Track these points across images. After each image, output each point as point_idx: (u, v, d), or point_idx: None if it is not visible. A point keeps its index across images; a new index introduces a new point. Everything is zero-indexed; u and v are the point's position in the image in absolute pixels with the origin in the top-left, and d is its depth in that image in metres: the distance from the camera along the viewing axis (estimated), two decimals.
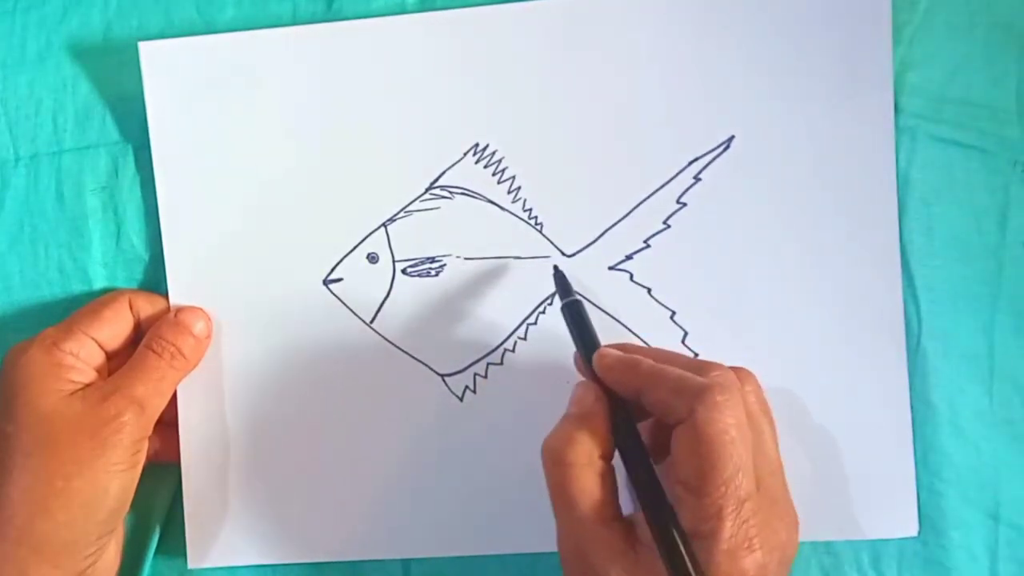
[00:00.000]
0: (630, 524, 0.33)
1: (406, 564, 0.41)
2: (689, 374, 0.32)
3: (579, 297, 0.37)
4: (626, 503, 0.34)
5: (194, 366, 0.40)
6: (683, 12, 0.39)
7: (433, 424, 0.40)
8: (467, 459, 0.40)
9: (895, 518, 0.39)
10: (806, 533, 0.39)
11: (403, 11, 0.40)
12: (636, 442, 0.33)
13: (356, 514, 0.41)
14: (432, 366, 0.41)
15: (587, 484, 0.33)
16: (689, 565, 0.30)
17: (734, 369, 0.33)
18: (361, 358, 0.41)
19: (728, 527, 0.30)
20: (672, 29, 0.39)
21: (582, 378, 0.36)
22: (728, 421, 0.30)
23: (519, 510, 0.40)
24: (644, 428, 0.34)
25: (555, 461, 0.33)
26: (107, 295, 0.40)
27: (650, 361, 0.34)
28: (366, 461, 0.41)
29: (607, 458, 0.33)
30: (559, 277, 0.38)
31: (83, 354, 0.38)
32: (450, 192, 0.40)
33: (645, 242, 0.40)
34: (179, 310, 0.40)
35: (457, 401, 0.40)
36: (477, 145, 0.40)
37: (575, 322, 0.36)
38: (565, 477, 0.33)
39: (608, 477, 0.33)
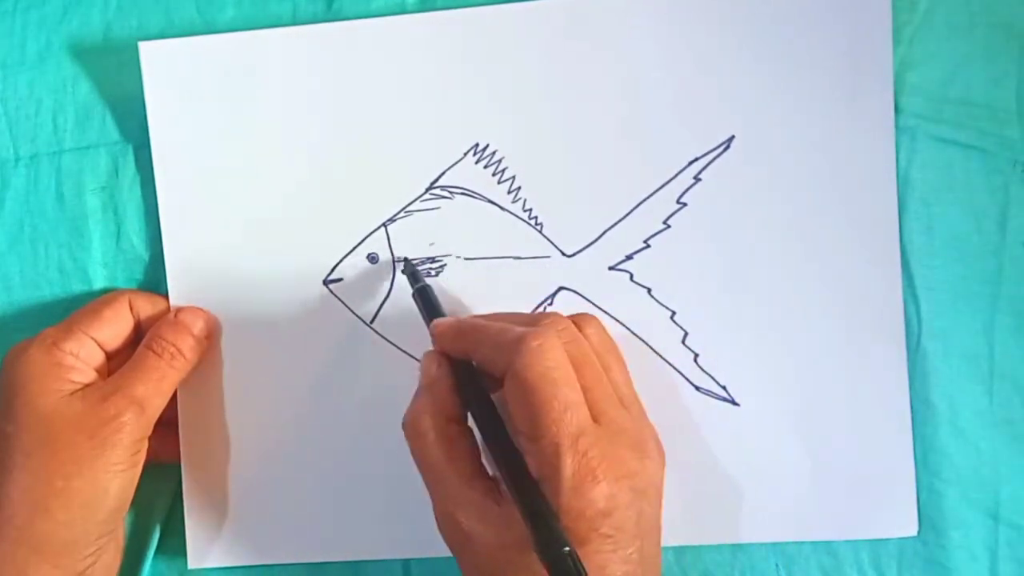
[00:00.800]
0: (494, 482, 0.34)
1: (406, 564, 0.41)
2: (509, 326, 0.33)
3: (428, 284, 0.39)
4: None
5: (194, 366, 0.40)
6: (683, 12, 0.39)
7: None
8: None
9: (895, 518, 0.39)
10: (806, 533, 0.39)
11: (403, 11, 0.40)
12: (479, 401, 0.34)
13: (356, 514, 0.41)
14: None
15: (442, 448, 0.33)
16: (538, 507, 0.30)
17: (574, 316, 0.34)
18: (361, 358, 0.41)
19: (567, 463, 0.30)
20: (672, 29, 0.39)
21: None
22: (547, 364, 0.31)
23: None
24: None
25: (411, 432, 0.34)
26: (107, 295, 0.40)
27: (477, 320, 0.35)
28: (366, 461, 0.41)
29: (457, 420, 0.34)
30: (409, 267, 0.39)
31: (83, 354, 0.38)
32: (450, 192, 0.40)
33: (645, 242, 0.40)
34: (179, 310, 0.40)
35: None
36: (477, 145, 0.40)
37: (424, 303, 0.38)
38: (422, 445, 0.34)
39: (463, 438, 0.34)
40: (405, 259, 0.40)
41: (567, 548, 0.29)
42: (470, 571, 0.33)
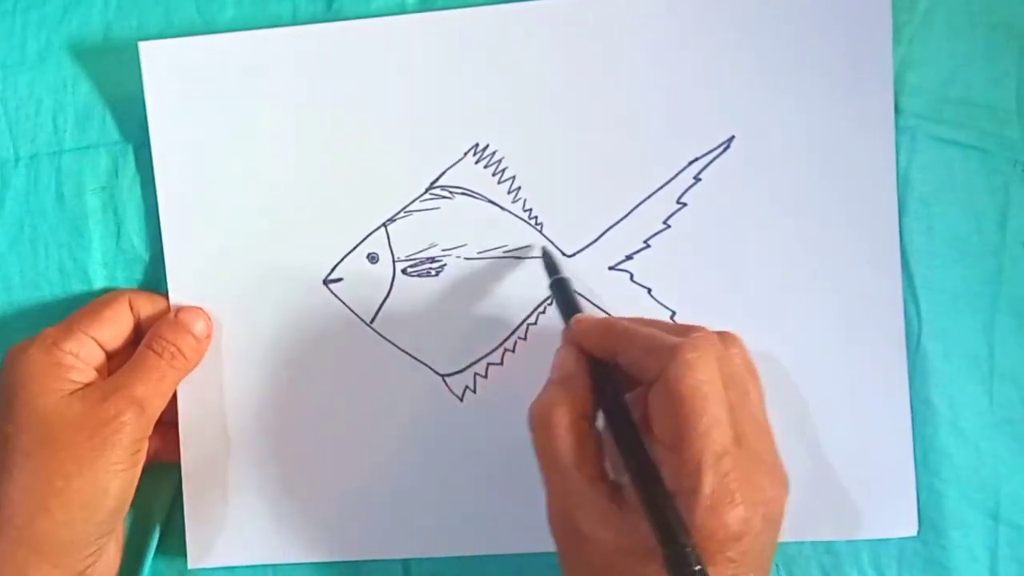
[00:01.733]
0: (617, 486, 0.33)
1: (406, 564, 0.41)
2: (662, 334, 0.33)
3: (565, 276, 0.38)
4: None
5: (194, 366, 0.40)
6: (683, 12, 0.39)
7: (433, 424, 0.40)
8: (467, 459, 0.40)
9: (895, 518, 0.39)
10: (806, 533, 0.39)
11: (403, 11, 0.40)
12: (617, 402, 0.33)
13: (356, 514, 0.41)
14: (432, 366, 0.41)
15: (571, 444, 0.33)
16: (672, 522, 0.29)
17: (719, 333, 0.33)
18: (361, 358, 0.41)
19: (708, 481, 0.29)
20: (672, 29, 0.39)
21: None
22: (700, 377, 0.30)
23: (519, 510, 0.40)
24: (636, 398, 0.34)
25: (540, 424, 0.33)
26: (107, 295, 0.40)
27: (625, 322, 0.34)
28: (366, 461, 0.41)
29: (590, 419, 0.33)
30: (547, 257, 0.39)
31: (83, 354, 0.38)
32: (450, 192, 0.40)
33: (645, 242, 0.40)
34: (179, 310, 0.40)
35: (457, 401, 0.40)
36: (477, 145, 0.40)
37: (562, 296, 0.37)
38: (550, 438, 0.33)
39: (592, 438, 0.33)
40: (543, 249, 0.39)
41: (699, 567, 0.28)
42: (577, 573, 0.33)
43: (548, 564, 0.40)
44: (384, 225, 0.40)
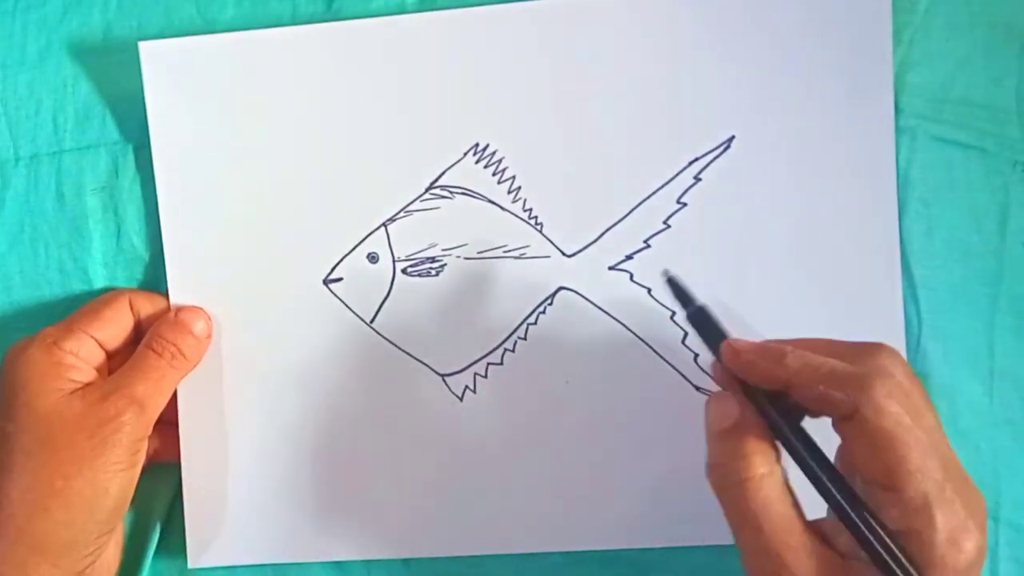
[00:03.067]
0: (823, 533, 0.30)
1: (406, 564, 0.41)
2: (842, 365, 0.30)
3: (702, 304, 0.34)
4: None
5: (194, 366, 0.40)
6: (683, 12, 0.39)
7: (433, 424, 0.40)
8: (467, 459, 0.40)
9: None
10: None
11: (403, 11, 0.40)
12: (806, 439, 0.31)
13: (356, 514, 0.41)
14: (432, 366, 0.41)
15: (771, 495, 0.30)
16: (908, 566, 0.28)
17: (886, 351, 0.31)
18: (361, 358, 0.41)
19: (941, 515, 0.28)
20: (672, 29, 0.39)
21: (715, 389, 0.33)
22: (898, 409, 0.29)
23: (519, 510, 0.40)
24: None
25: (731, 483, 0.30)
26: (107, 294, 0.40)
27: (790, 347, 0.31)
28: (366, 461, 0.41)
29: (780, 463, 0.31)
30: (674, 285, 0.34)
31: (83, 353, 0.38)
32: (450, 192, 0.40)
33: (645, 242, 0.40)
34: (179, 310, 0.40)
35: (457, 401, 0.40)
36: (477, 145, 0.40)
37: (705, 325, 0.33)
38: (744, 495, 0.30)
39: (787, 484, 0.31)
40: (666, 272, 0.34)
41: None
42: None
43: (548, 564, 0.41)
44: (384, 225, 0.40)
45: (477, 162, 0.40)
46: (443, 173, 0.40)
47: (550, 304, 0.40)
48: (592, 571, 0.40)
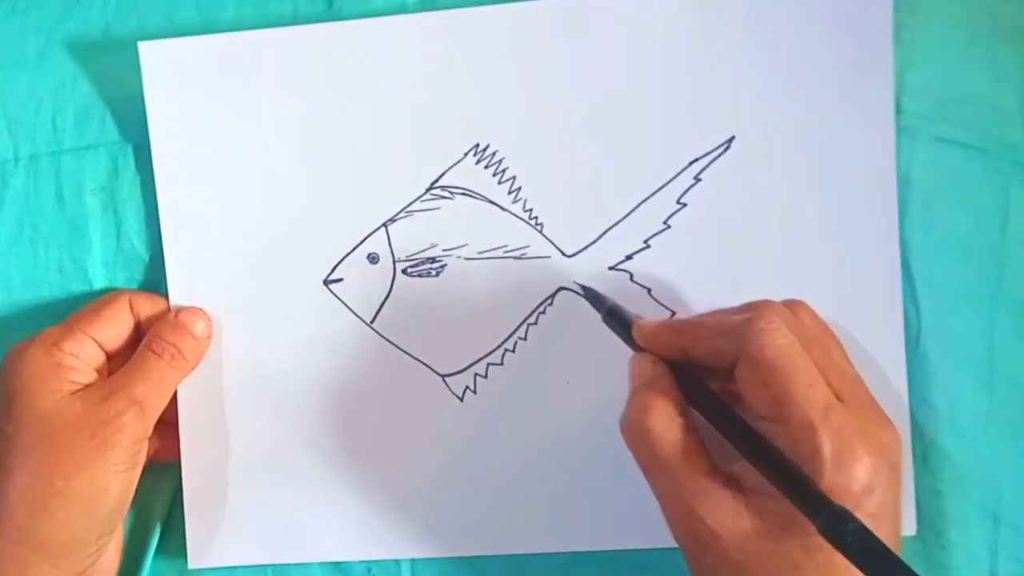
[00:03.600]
0: (730, 476, 0.32)
1: (406, 564, 0.41)
2: (727, 315, 0.33)
3: (614, 304, 0.37)
4: None
5: (194, 366, 0.40)
6: (683, 12, 0.39)
7: (433, 424, 0.40)
8: (467, 459, 0.40)
9: None
10: None
11: (403, 11, 0.40)
12: (707, 391, 0.33)
13: (356, 514, 0.41)
14: (432, 366, 0.41)
15: (677, 443, 0.32)
16: (812, 489, 0.28)
17: (784, 302, 0.33)
18: (361, 358, 0.41)
19: (825, 438, 0.29)
20: (672, 29, 0.39)
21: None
22: (780, 342, 0.30)
23: (519, 510, 0.40)
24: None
25: (637, 433, 0.33)
26: (107, 295, 0.40)
27: (687, 317, 0.34)
28: (366, 461, 0.41)
29: (686, 415, 0.33)
30: (589, 292, 0.38)
31: (83, 354, 0.38)
32: (451, 192, 0.40)
33: (645, 242, 0.40)
34: (179, 310, 0.40)
35: (457, 401, 0.40)
36: (477, 145, 0.40)
37: (617, 321, 0.37)
38: (652, 443, 0.32)
39: (694, 432, 0.33)
40: (581, 286, 0.39)
41: (859, 524, 0.27)
42: (711, 571, 0.32)
43: (548, 564, 0.41)
44: (384, 225, 0.40)
45: (477, 162, 0.40)
46: (443, 173, 0.40)
47: (550, 304, 0.40)
48: (592, 571, 0.40)
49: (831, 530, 0.28)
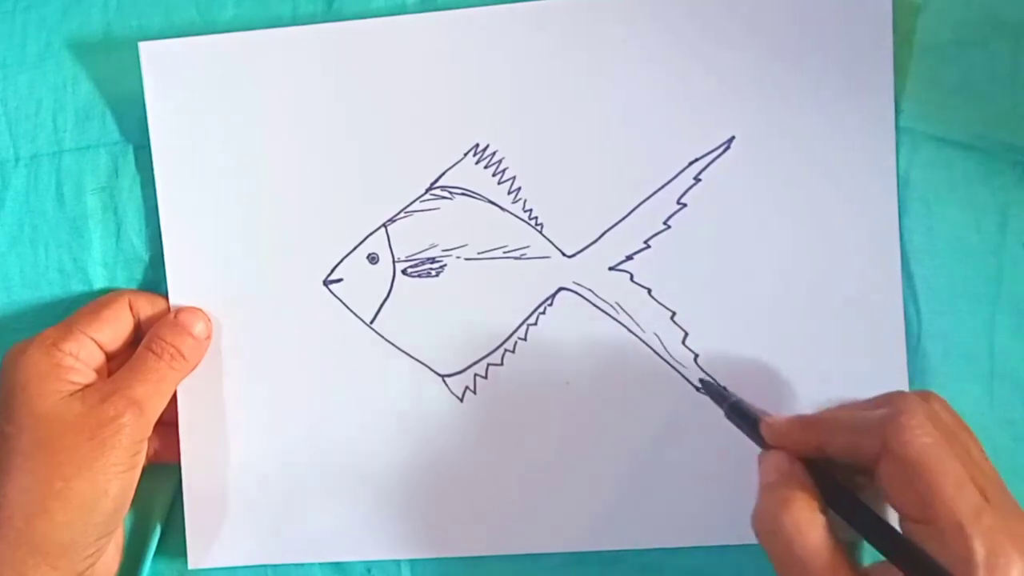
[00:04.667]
0: None
1: (406, 564, 0.41)
2: (865, 411, 0.32)
3: (737, 399, 0.37)
4: None
5: (194, 367, 0.40)
6: (683, 12, 0.39)
7: (433, 424, 0.40)
8: (467, 459, 0.40)
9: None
10: None
11: (403, 11, 0.40)
12: (846, 491, 0.32)
13: (356, 514, 0.41)
14: (432, 366, 0.41)
15: (818, 541, 0.30)
16: None
17: (915, 393, 0.32)
18: (361, 358, 0.41)
19: (977, 542, 0.28)
20: (672, 30, 0.39)
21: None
22: (925, 439, 0.29)
23: (519, 510, 0.40)
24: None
25: (773, 529, 0.31)
26: (107, 295, 0.40)
27: (818, 414, 0.33)
28: (366, 461, 0.41)
29: (826, 513, 0.32)
30: (710, 388, 0.38)
31: (83, 355, 0.38)
32: (450, 192, 0.40)
33: (645, 242, 0.40)
34: (179, 311, 0.40)
35: (457, 401, 0.40)
36: (477, 145, 0.40)
37: (742, 416, 0.36)
38: (792, 541, 0.31)
39: (832, 532, 0.31)
40: (703, 381, 0.39)
41: None
42: None
43: (548, 564, 0.41)
44: (384, 225, 0.40)
45: (477, 162, 0.40)
46: (443, 173, 0.40)
47: (550, 304, 0.40)
48: (592, 571, 0.40)
49: None
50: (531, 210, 0.40)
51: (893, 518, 0.31)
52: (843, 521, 0.31)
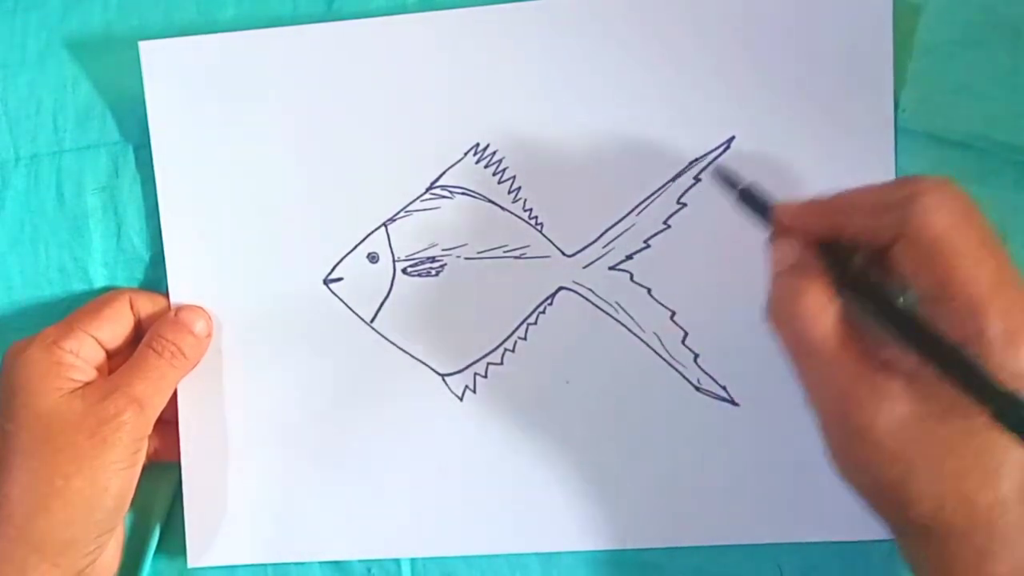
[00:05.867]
0: (886, 362, 0.30)
1: (406, 564, 0.41)
2: (886, 192, 0.31)
3: (749, 183, 0.35)
4: None
5: (194, 365, 0.40)
6: (683, 12, 0.39)
7: (433, 424, 0.40)
8: (467, 459, 0.40)
9: None
10: (806, 533, 0.39)
11: (403, 11, 0.40)
12: (862, 273, 0.31)
13: (356, 514, 0.41)
14: (432, 366, 0.41)
15: (830, 327, 0.30)
16: (982, 373, 0.27)
17: (932, 176, 0.31)
18: (361, 358, 0.41)
19: (993, 319, 0.27)
20: (672, 29, 0.39)
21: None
22: (945, 220, 0.29)
23: (519, 510, 0.40)
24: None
25: (787, 318, 0.31)
26: (107, 294, 0.40)
27: (835, 194, 0.32)
28: (366, 461, 0.41)
29: (834, 299, 0.31)
30: (721, 172, 0.36)
31: (83, 353, 0.38)
32: (450, 192, 0.40)
33: (645, 242, 0.40)
34: (179, 309, 0.40)
35: (457, 401, 0.40)
36: (477, 145, 0.40)
37: (754, 202, 0.34)
38: (805, 329, 0.30)
39: (845, 317, 0.30)
40: (716, 167, 0.37)
41: None
42: (861, 465, 0.30)
43: (548, 564, 0.41)
44: (384, 225, 0.40)
45: (477, 162, 0.40)
46: (443, 173, 0.40)
47: (550, 304, 0.40)
48: (592, 571, 0.40)
49: (1004, 416, 0.26)
50: (531, 209, 0.40)
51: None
52: (856, 307, 0.31)
